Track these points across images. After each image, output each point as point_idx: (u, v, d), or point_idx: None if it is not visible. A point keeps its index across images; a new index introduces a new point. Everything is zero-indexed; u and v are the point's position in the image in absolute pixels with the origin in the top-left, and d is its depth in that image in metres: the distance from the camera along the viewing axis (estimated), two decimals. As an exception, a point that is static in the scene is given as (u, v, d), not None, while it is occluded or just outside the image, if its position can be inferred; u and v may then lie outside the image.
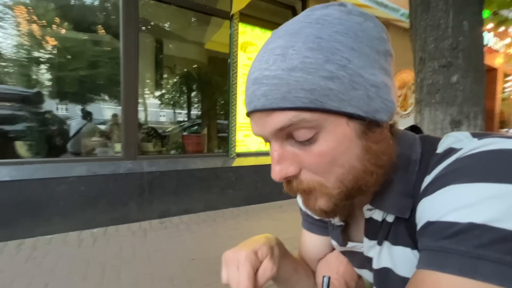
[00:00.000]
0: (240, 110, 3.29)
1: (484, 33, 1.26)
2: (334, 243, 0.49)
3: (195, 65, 5.53)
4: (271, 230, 2.48)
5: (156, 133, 4.21)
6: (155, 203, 2.66)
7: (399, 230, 0.36)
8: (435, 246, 0.25)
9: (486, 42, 6.13)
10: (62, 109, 5.19)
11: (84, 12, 3.58)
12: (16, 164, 2.26)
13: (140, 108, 2.87)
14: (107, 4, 3.71)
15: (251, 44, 3.38)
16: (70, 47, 3.77)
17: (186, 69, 5.78)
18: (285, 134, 0.32)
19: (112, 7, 3.57)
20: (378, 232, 0.39)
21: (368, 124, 0.31)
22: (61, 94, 4.17)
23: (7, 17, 3.16)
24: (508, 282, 0.21)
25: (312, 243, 0.55)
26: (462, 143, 0.30)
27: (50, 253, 1.94)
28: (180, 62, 5.51)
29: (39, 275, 1.65)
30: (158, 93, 6.62)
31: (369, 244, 0.41)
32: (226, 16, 3.18)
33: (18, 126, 3.09)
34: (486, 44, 6.14)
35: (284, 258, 0.46)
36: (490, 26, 2.70)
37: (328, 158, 0.31)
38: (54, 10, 3.43)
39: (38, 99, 3.53)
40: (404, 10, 3.96)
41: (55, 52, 3.72)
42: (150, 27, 4.48)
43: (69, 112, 5.15)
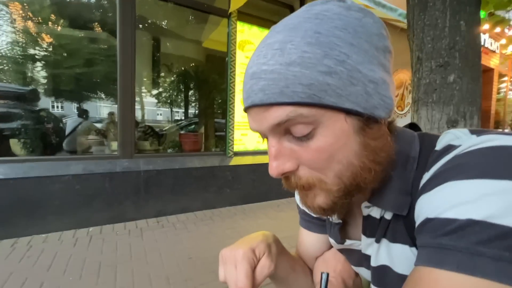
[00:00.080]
0: (238, 109, 3.29)
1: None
2: (332, 241, 0.49)
3: (193, 63, 5.50)
4: (268, 229, 2.46)
5: (153, 131, 4.18)
6: (152, 202, 2.65)
7: (397, 228, 0.36)
8: (433, 243, 0.25)
9: (482, 42, 6.18)
10: (58, 107, 5.15)
11: (80, 9, 3.54)
12: (11, 162, 2.24)
13: (137, 106, 2.85)
14: (104, 1, 3.68)
15: (249, 43, 3.37)
16: (66, 45, 3.74)
17: (183, 67, 5.76)
18: (282, 129, 0.31)
19: (108, 4, 3.53)
20: (376, 229, 0.39)
21: (366, 120, 0.31)
22: (57, 92, 4.13)
23: (2, 13, 3.12)
24: (507, 279, 0.20)
25: (310, 241, 0.55)
26: (460, 140, 0.30)
27: (45, 252, 1.92)
28: (178, 61, 5.48)
29: (34, 274, 1.64)
30: (155, 91, 6.59)
31: (367, 242, 0.41)
32: (224, 14, 3.16)
33: (13, 124, 3.06)
34: (482, 45, 6.19)
35: (281, 256, 0.46)
36: (486, 27, 2.72)
37: (325, 154, 0.30)
38: (50, 7, 3.40)
39: (33, 96, 3.50)
40: (401, 10, 3.98)
41: (50, 49, 3.68)
42: (147, 25, 4.45)
43: (65, 110, 5.12)
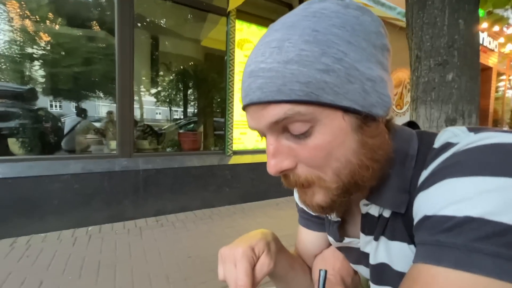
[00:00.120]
0: (237, 108, 3.28)
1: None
2: (331, 239, 0.49)
3: (192, 62, 5.49)
4: (267, 227, 2.45)
5: (152, 130, 4.18)
6: (151, 201, 2.65)
7: (396, 225, 0.36)
8: (431, 240, 0.25)
9: (481, 41, 6.19)
10: (56, 106, 5.13)
11: (78, 7, 3.52)
12: (9, 161, 2.23)
13: (135, 105, 2.84)
14: (102, 0, 3.66)
15: (248, 41, 3.37)
16: (64, 43, 3.72)
17: (182, 66, 5.74)
18: (280, 127, 0.31)
19: (107, 2, 3.52)
20: (375, 227, 0.39)
21: (364, 118, 0.31)
22: (55, 90, 4.12)
23: (-1, 12, 3.10)
24: (504, 275, 0.21)
25: (309, 239, 0.55)
26: (459, 137, 0.30)
27: (44, 251, 1.92)
28: (176, 59, 5.47)
29: (33, 274, 1.64)
30: (154, 90, 6.58)
31: (365, 240, 0.41)
32: (223, 12, 3.16)
33: (11, 123, 3.05)
34: (481, 43, 6.20)
35: (280, 254, 0.46)
36: (485, 25, 2.72)
37: (323, 151, 0.30)
38: (48, 5, 3.38)
39: (31, 95, 3.48)
40: (400, 8, 3.97)
41: (48, 48, 3.67)
42: (145, 23, 4.43)
43: (63, 109, 5.09)
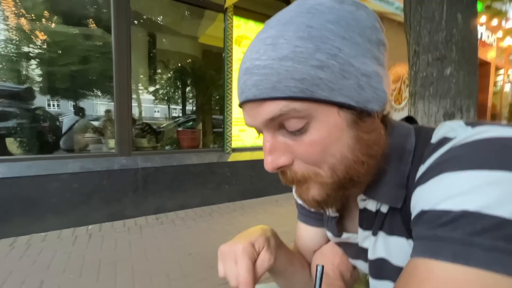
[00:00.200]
0: (235, 105, 3.27)
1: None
2: (329, 234, 0.50)
3: (189, 59, 5.46)
4: (267, 224, 2.45)
5: (151, 128, 4.17)
6: (150, 199, 2.65)
7: (394, 220, 0.36)
8: (428, 234, 0.25)
9: (479, 36, 6.17)
10: (53, 105, 5.11)
11: (74, 5, 3.49)
12: (7, 161, 2.23)
13: (133, 103, 2.83)
14: (98, -3, 3.62)
15: (246, 38, 3.35)
16: (61, 42, 3.69)
17: (180, 63, 5.71)
18: (276, 124, 0.32)
19: None
20: (373, 222, 0.39)
21: (359, 113, 0.31)
22: (52, 89, 4.09)
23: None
24: (501, 268, 0.21)
25: (308, 235, 0.55)
26: (456, 132, 0.30)
27: (44, 250, 1.92)
28: (174, 57, 5.43)
29: (33, 273, 1.64)
30: (152, 88, 6.54)
31: (363, 235, 0.41)
32: (220, 9, 3.13)
33: (9, 123, 3.04)
34: (479, 38, 6.19)
35: (280, 249, 0.46)
36: (483, 19, 2.72)
37: (319, 147, 0.31)
38: (43, 3, 3.34)
39: (28, 95, 3.46)
40: (398, 3, 3.95)
41: (45, 46, 3.64)
42: (142, 20, 4.39)
43: (61, 108, 5.06)
